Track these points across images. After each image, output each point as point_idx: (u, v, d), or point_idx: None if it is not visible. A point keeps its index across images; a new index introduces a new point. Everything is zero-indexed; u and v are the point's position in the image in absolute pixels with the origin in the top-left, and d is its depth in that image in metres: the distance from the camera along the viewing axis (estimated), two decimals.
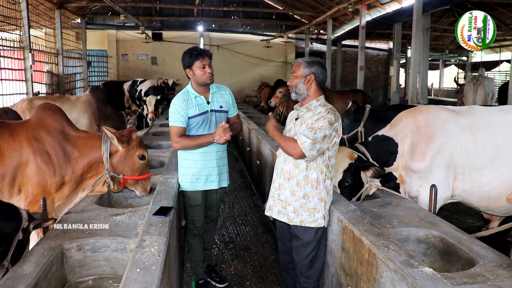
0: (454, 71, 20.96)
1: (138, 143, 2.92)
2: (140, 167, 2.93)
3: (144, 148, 2.95)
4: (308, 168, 2.35)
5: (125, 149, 2.85)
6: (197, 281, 3.08)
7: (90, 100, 5.82)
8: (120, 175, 2.87)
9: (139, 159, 2.90)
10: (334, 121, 2.29)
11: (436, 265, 2.39)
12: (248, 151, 6.60)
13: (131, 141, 2.88)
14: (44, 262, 1.92)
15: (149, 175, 3.02)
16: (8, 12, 7.48)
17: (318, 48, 16.44)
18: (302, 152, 2.24)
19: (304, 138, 2.23)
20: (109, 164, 2.82)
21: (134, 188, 2.97)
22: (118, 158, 2.85)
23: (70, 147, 2.78)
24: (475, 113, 3.09)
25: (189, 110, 2.79)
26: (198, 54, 2.76)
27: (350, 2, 9.18)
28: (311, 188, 2.35)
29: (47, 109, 2.86)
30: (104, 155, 2.80)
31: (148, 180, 3.01)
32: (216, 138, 2.72)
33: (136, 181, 2.93)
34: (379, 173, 2.96)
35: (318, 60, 2.43)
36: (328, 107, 2.36)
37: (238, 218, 4.73)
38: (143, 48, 14.76)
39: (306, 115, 2.39)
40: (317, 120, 2.28)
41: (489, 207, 3.06)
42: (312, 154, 2.26)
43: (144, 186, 2.98)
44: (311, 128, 2.26)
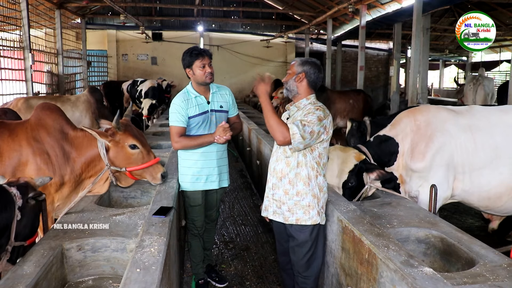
0: (454, 71, 20.96)
1: (124, 134, 2.80)
2: (137, 156, 2.82)
3: (132, 137, 2.82)
4: (299, 165, 2.34)
5: (112, 142, 2.78)
6: (197, 281, 3.08)
7: (90, 100, 5.87)
8: (122, 168, 2.80)
9: (130, 149, 2.80)
10: (323, 117, 2.27)
11: (436, 265, 2.39)
12: (248, 151, 6.60)
13: (115, 133, 2.79)
14: (44, 262, 1.92)
15: (155, 161, 2.86)
16: (8, 12, 7.47)
17: (318, 48, 16.43)
18: (289, 141, 2.18)
19: (295, 129, 2.17)
20: (107, 159, 2.78)
21: (144, 178, 2.89)
22: (112, 152, 2.79)
23: (69, 146, 2.77)
24: (474, 113, 3.09)
25: (189, 110, 2.79)
26: (198, 53, 2.77)
27: (350, 2, 9.18)
28: (304, 185, 2.35)
29: (46, 109, 2.85)
30: (101, 151, 2.76)
31: (155, 166, 2.86)
32: (216, 138, 2.72)
33: (143, 170, 2.84)
34: (384, 177, 2.94)
35: (313, 61, 2.42)
36: (318, 105, 2.35)
37: (238, 218, 4.73)
38: (143, 48, 14.75)
39: (297, 114, 2.39)
40: (306, 115, 2.26)
41: (488, 207, 3.06)
42: (299, 147, 2.22)
43: (152, 174, 2.85)
44: (300, 121, 2.22)
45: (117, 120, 2.73)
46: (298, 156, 2.34)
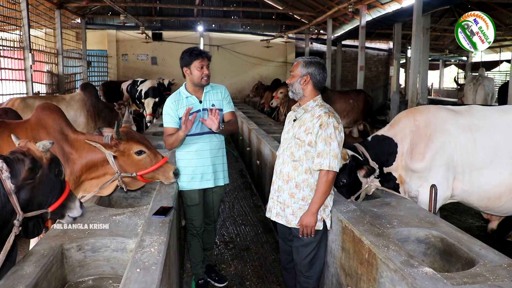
0: (454, 71, 20.96)
1: (127, 142, 2.78)
2: (145, 161, 2.81)
3: (137, 143, 2.80)
4: (307, 172, 2.34)
5: (117, 152, 2.76)
6: (197, 281, 3.08)
7: (84, 98, 5.85)
8: (133, 174, 2.78)
9: (137, 155, 2.79)
10: (338, 123, 2.30)
11: (436, 265, 2.39)
12: (248, 151, 6.60)
13: (119, 143, 2.76)
14: (44, 262, 1.92)
15: (164, 161, 2.84)
16: (8, 12, 7.48)
17: (318, 48, 16.43)
18: (334, 172, 2.28)
19: (325, 162, 2.25)
20: (116, 166, 2.75)
21: (157, 179, 2.88)
22: (120, 161, 2.78)
23: (69, 147, 2.77)
24: (474, 113, 3.09)
25: (179, 110, 2.81)
26: (198, 54, 2.78)
27: (350, 2, 9.19)
28: (310, 191, 2.35)
29: (46, 109, 2.85)
30: (109, 159, 2.73)
31: (165, 166, 2.84)
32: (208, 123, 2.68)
33: (154, 172, 2.82)
34: (370, 172, 2.95)
35: (317, 61, 2.39)
36: (326, 109, 2.35)
37: (238, 218, 4.73)
38: (143, 48, 14.76)
39: (304, 116, 2.39)
40: (322, 126, 2.27)
41: (488, 207, 3.06)
42: (338, 165, 2.30)
43: (164, 174, 2.84)
44: (325, 141, 2.26)
45: (117, 131, 2.69)
46: (307, 162, 2.34)
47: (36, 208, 1.89)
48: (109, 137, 2.75)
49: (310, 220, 2.29)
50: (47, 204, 1.94)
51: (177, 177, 2.88)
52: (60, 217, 2.06)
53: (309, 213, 2.30)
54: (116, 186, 2.87)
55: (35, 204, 1.88)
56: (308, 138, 2.31)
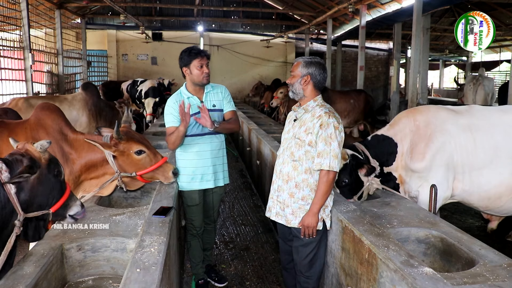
0: (454, 71, 20.96)
1: (127, 142, 2.78)
2: (145, 160, 2.81)
3: (136, 142, 2.80)
4: (307, 172, 2.35)
5: (117, 152, 2.76)
6: (197, 281, 3.08)
7: (86, 98, 5.87)
8: (132, 173, 2.79)
9: (136, 155, 2.78)
10: (338, 123, 2.31)
11: (436, 265, 2.39)
12: (248, 151, 6.60)
13: (118, 143, 2.76)
14: (44, 262, 1.92)
15: (163, 161, 2.84)
16: (8, 12, 7.48)
17: (318, 48, 16.43)
18: (335, 172, 2.28)
19: (325, 162, 2.25)
20: (116, 166, 2.75)
21: (156, 179, 2.88)
22: (120, 161, 2.78)
23: (68, 147, 2.76)
24: (474, 113, 3.09)
25: None
26: (197, 53, 2.77)
27: (350, 2, 9.19)
28: (310, 191, 2.35)
29: (46, 109, 2.85)
30: (109, 159, 2.74)
31: (165, 166, 2.84)
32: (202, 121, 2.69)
33: (153, 172, 2.82)
34: (371, 170, 2.95)
35: (317, 61, 2.39)
36: (327, 109, 2.35)
37: (238, 218, 4.73)
38: (143, 48, 14.76)
39: (305, 116, 2.39)
40: (322, 127, 2.27)
41: (488, 207, 3.06)
42: (339, 165, 2.31)
43: (163, 174, 2.84)
44: (325, 141, 2.26)
45: (117, 131, 2.69)
46: (307, 162, 2.34)
47: (37, 209, 1.89)
48: (108, 137, 2.75)
49: (312, 220, 2.29)
50: (48, 205, 1.94)
51: (177, 176, 2.88)
52: (62, 218, 2.06)
53: (310, 214, 2.30)
54: (115, 186, 2.86)
55: (35, 204, 1.88)
56: (308, 138, 2.31)
